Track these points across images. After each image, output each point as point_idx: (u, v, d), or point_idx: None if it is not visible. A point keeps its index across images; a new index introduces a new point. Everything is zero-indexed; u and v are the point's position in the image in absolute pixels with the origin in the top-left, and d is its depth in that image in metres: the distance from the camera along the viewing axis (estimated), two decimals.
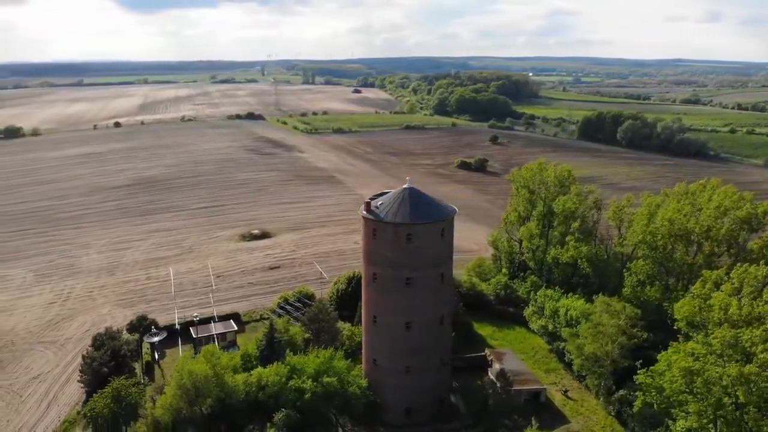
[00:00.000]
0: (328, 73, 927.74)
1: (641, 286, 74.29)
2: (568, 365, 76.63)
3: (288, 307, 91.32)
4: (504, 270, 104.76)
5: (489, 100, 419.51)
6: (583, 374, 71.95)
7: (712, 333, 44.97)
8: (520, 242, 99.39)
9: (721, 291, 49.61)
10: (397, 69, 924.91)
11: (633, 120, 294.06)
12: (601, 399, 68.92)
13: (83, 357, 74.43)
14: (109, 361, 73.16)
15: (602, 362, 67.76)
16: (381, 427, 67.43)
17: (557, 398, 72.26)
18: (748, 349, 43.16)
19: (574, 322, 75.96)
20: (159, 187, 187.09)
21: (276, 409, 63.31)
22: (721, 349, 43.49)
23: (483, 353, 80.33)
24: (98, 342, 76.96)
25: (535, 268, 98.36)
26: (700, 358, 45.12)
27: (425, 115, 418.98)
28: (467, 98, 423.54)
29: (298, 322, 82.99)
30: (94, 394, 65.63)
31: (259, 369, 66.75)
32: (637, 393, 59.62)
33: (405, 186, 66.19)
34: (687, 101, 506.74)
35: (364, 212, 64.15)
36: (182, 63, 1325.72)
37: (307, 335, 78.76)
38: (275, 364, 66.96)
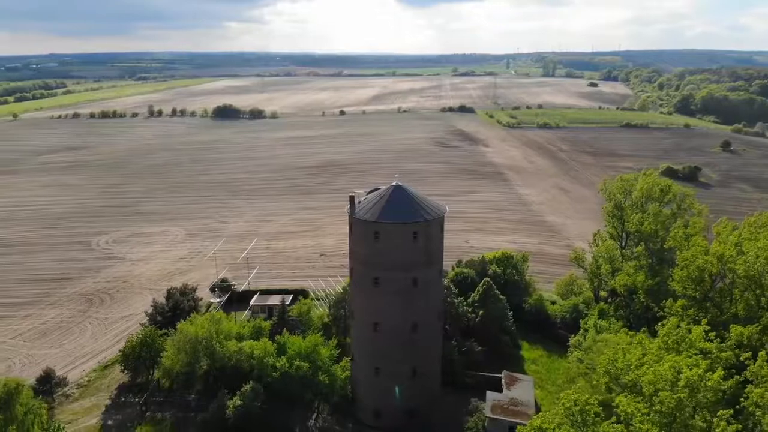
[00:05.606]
0: (579, 65, 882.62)
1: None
2: None
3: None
4: (602, 293, 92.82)
5: (743, 101, 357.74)
6: None
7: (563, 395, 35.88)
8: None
9: (643, 347, 39.03)
10: (663, 62, 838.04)
11: None
12: None
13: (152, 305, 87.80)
14: (168, 312, 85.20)
15: None
16: (351, 423, 67.12)
17: None
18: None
19: None
20: (336, 171, 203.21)
21: (256, 380, 67.45)
22: (564, 416, 34.47)
23: (500, 375, 73.34)
24: (169, 294, 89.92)
25: (623, 294, 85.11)
26: (556, 428, 36.28)
27: (661, 113, 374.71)
28: (716, 97, 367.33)
29: None
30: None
31: (250, 341, 71.52)
32: None
33: (393, 183, 64.17)
34: None
35: (347, 207, 64.04)
36: (441, 56, 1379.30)
37: (326, 320, 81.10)
38: (262, 339, 71.15)
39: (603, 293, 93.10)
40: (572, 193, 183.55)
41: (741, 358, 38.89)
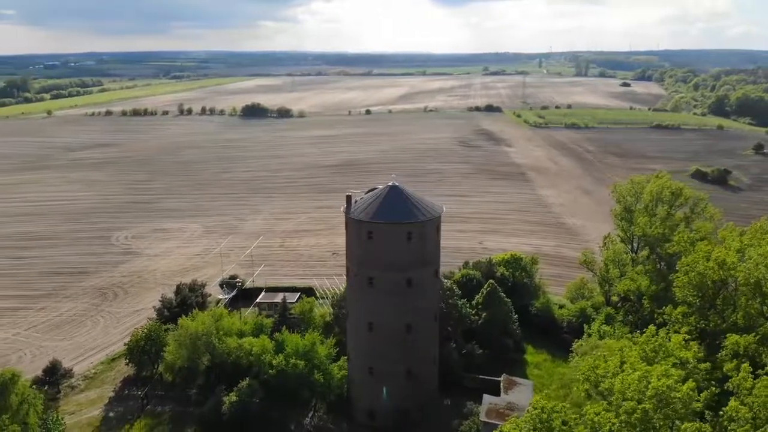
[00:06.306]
0: (614, 65, 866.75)
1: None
2: None
3: None
4: (614, 298, 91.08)
5: None
6: None
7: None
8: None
9: (622, 354, 38.09)
10: (702, 62, 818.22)
11: None
12: None
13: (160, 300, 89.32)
14: (175, 307, 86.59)
15: None
16: (346, 422, 67.21)
17: None
18: None
19: None
20: (356, 170, 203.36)
21: (253, 377, 68.07)
22: (532, 423, 33.77)
23: (500, 378, 72.45)
24: (178, 290, 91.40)
25: (633, 299, 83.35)
26: None
27: (694, 114, 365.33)
28: (751, 98, 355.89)
29: None
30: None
31: (250, 338, 72.16)
32: None
33: (390, 183, 64.12)
34: None
35: (344, 206, 64.24)
36: (474, 55, 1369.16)
37: (328, 319, 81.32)
38: (262, 336, 71.78)
39: (614, 298, 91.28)
40: (595, 195, 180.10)
41: (725, 369, 37.58)
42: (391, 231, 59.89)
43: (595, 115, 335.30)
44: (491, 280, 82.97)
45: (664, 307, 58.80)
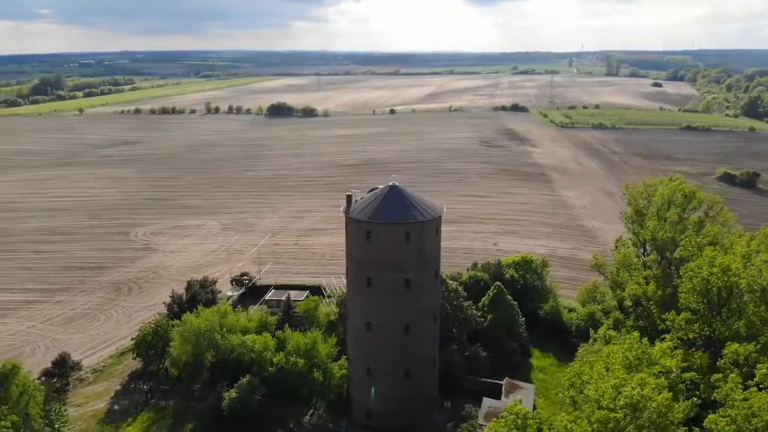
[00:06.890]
0: (646, 65, 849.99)
1: (688, 348, 56.99)
2: None
3: None
4: (627, 302, 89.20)
5: None
6: None
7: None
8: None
9: (607, 361, 37.27)
10: (738, 62, 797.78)
11: None
12: None
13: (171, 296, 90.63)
14: (185, 303, 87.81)
15: None
16: (345, 421, 67.29)
17: None
18: None
19: None
20: (375, 169, 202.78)
21: (254, 374, 68.63)
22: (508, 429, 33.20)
23: (502, 382, 71.65)
24: (189, 286, 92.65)
25: (644, 303, 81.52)
26: None
27: (726, 115, 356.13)
28: None
29: None
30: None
31: (253, 335, 72.73)
32: None
33: (390, 183, 64.04)
34: None
35: (344, 206, 64.34)
36: (504, 55, 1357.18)
37: (333, 318, 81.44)
38: (265, 333, 72.28)
39: (627, 302, 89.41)
40: (617, 197, 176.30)
41: (712, 379, 36.41)
42: (390, 231, 59.68)
43: (624, 116, 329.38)
44: (498, 282, 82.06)
45: (667, 313, 57.22)
